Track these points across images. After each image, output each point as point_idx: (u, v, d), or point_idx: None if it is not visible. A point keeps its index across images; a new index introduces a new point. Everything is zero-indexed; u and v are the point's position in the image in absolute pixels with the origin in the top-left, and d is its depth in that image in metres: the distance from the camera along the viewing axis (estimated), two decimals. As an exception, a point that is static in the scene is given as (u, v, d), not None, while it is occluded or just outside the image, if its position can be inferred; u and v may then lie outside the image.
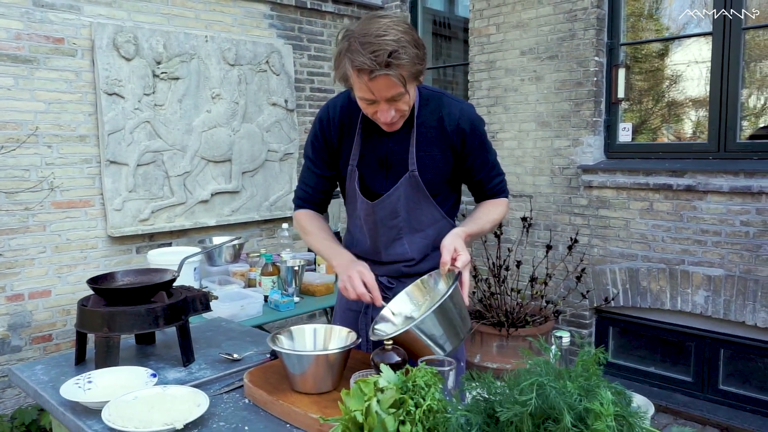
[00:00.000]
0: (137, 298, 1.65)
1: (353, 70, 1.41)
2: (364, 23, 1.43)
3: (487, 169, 1.72)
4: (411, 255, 1.71)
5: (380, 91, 1.44)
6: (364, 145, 1.67)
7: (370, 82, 1.41)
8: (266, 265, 2.99)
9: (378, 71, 1.38)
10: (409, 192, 1.65)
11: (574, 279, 3.83)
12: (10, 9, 3.15)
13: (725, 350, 3.47)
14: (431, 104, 1.64)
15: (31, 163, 3.27)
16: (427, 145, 1.63)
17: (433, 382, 1.02)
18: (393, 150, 1.65)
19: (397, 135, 1.64)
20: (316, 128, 1.73)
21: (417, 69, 1.45)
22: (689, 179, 3.42)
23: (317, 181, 1.76)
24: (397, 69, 1.39)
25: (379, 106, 1.49)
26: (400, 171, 1.65)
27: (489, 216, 1.71)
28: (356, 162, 1.68)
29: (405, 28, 1.43)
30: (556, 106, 3.94)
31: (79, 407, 1.40)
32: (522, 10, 4.05)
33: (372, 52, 1.37)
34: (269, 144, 4.27)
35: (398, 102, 1.49)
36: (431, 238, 1.71)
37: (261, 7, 4.24)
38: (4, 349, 3.25)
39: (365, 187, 1.69)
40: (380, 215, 1.68)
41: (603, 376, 0.98)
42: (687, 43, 3.69)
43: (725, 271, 3.32)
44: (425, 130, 1.63)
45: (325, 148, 1.72)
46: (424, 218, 1.69)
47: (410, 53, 1.41)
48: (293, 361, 1.36)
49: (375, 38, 1.38)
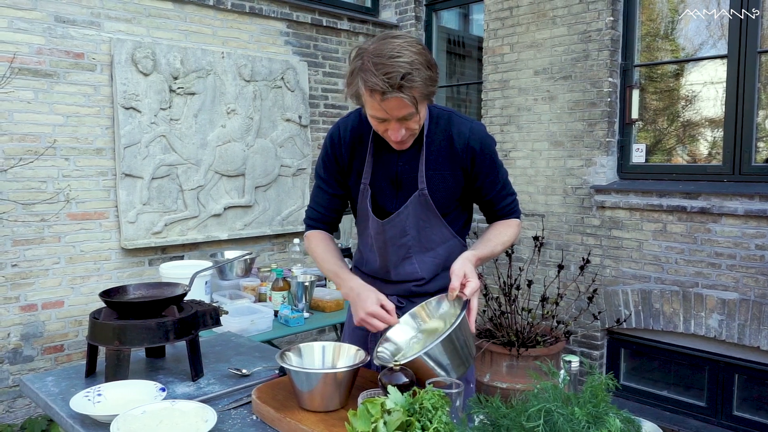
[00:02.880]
0: (148, 312, 1.66)
1: (366, 89, 1.42)
2: (378, 43, 1.44)
3: (498, 189, 1.71)
4: (421, 274, 1.70)
5: (392, 111, 1.45)
6: (376, 164, 1.68)
7: (382, 102, 1.42)
8: (277, 280, 3.00)
9: (390, 93, 1.39)
10: (418, 211, 1.64)
11: (585, 299, 3.80)
12: (33, 24, 3.22)
13: (740, 375, 3.42)
14: (441, 123, 1.65)
15: (48, 175, 3.32)
16: (436, 164, 1.63)
17: (441, 405, 1.02)
18: (403, 169, 1.65)
19: (408, 153, 1.64)
20: (327, 147, 1.74)
21: (429, 90, 1.46)
22: (703, 201, 3.39)
23: (329, 200, 1.77)
24: (409, 91, 1.40)
25: (390, 125, 1.50)
26: (410, 189, 1.65)
27: (500, 238, 1.69)
28: (368, 180, 1.68)
29: (419, 50, 1.44)
30: (570, 125, 3.94)
31: (88, 420, 1.41)
32: (536, 30, 4.07)
33: (385, 74, 1.38)
34: (282, 159, 4.30)
35: (409, 121, 1.50)
36: (441, 258, 1.70)
37: (277, 24, 4.29)
38: (16, 359, 3.28)
39: (377, 205, 1.69)
40: (389, 234, 1.68)
41: (614, 398, 0.97)
42: (702, 64, 3.68)
43: (740, 295, 3.28)
44: (435, 149, 1.63)
45: (336, 167, 1.73)
46: (435, 237, 1.69)
47: (423, 75, 1.42)
48: (301, 378, 1.36)
49: (389, 59, 1.39)
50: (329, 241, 1.79)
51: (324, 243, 1.76)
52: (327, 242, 1.77)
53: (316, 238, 1.78)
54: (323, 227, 1.80)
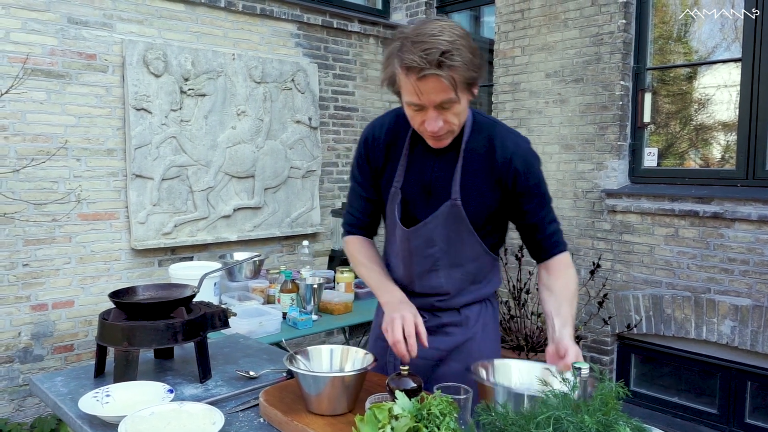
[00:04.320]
0: (157, 313, 1.66)
1: (401, 68, 1.32)
2: (418, 25, 1.35)
3: (543, 215, 1.56)
4: (446, 289, 1.60)
5: (428, 95, 1.33)
6: (410, 168, 1.56)
7: (418, 81, 1.31)
8: (286, 282, 3.00)
9: (427, 70, 1.29)
10: (449, 222, 1.53)
11: (596, 304, 3.77)
12: (46, 26, 3.25)
13: (752, 383, 3.38)
14: (484, 132, 1.52)
15: (60, 175, 3.35)
16: (473, 175, 1.51)
17: (449, 411, 1.01)
18: (438, 175, 1.54)
19: (444, 159, 1.53)
20: (360, 149, 1.64)
21: (470, 76, 1.34)
22: (716, 206, 3.36)
23: (364, 205, 1.68)
24: (448, 70, 1.29)
25: (426, 114, 1.38)
26: (442, 198, 1.53)
27: (573, 293, 1.57)
28: (400, 184, 1.57)
29: (462, 33, 1.34)
30: (581, 129, 3.92)
31: (96, 421, 1.41)
32: (548, 33, 4.05)
33: (423, 50, 1.28)
34: (292, 161, 4.30)
35: (447, 111, 1.38)
36: (471, 274, 1.60)
37: (288, 26, 4.30)
38: (27, 358, 3.30)
39: (407, 211, 1.59)
40: (414, 243, 1.58)
41: (624, 404, 0.95)
42: (716, 67, 3.64)
43: (753, 301, 3.24)
44: (473, 158, 1.51)
45: (369, 170, 1.63)
46: (465, 252, 1.57)
47: (464, 57, 1.31)
48: (309, 382, 1.35)
49: (428, 37, 1.29)
50: (368, 246, 1.70)
51: (363, 248, 1.68)
52: (366, 247, 1.69)
53: (355, 243, 1.69)
54: (361, 232, 1.71)
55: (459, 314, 1.64)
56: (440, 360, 1.64)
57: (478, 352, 1.61)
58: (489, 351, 1.65)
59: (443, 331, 1.64)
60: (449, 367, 1.62)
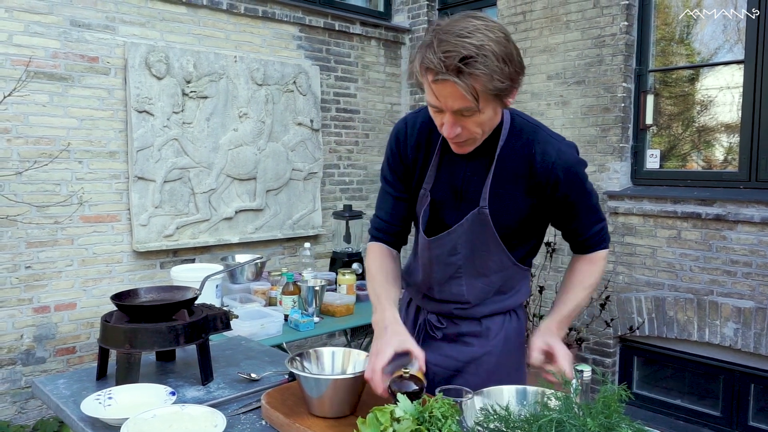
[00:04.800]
0: (159, 316, 1.66)
1: (420, 67, 1.23)
2: (453, 20, 1.23)
3: (586, 217, 1.49)
4: (467, 298, 1.53)
5: (445, 99, 1.23)
6: (441, 169, 1.47)
7: (434, 84, 1.22)
8: (287, 284, 3.00)
9: (443, 75, 1.18)
10: (476, 230, 1.44)
11: (598, 306, 3.77)
12: (48, 29, 3.25)
13: (756, 385, 3.37)
14: (523, 136, 1.41)
15: (62, 177, 3.35)
16: (508, 183, 1.41)
17: (451, 414, 1.01)
18: (470, 179, 1.44)
19: (477, 163, 1.43)
20: (392, 145, 1.54)
21: (497, 86, 1.20)
22: (719, 208, 3.35)
23: (394, 204, 1.56)
24: (468, 79, 1.17)
25: (444, 117, 1.28)
26: (471, 205, 1.44)
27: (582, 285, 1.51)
28: (430, 186, 1.48)
29: (497, 37, 1.20)
30: (583, 131, 3.92)
31: (98, 423, 1.41)
32: (549, 35, 4.05)
33: (444, 52, 1.17)
34: (294, 163, 4.31)
35: (467, 119, 1.27)
36: (495, 285, 1.52)
37: (290, 28, 4.31)
38: (29, 360, 3.30)
39: (435, 216, 1.50)
40: (436, 252, 1.50)
41: (626, 407, 0.95)
42: (718, 68, 3.64)
43: (756, 304, 3.23)
44: (510, 165, 1.41)
45: (401, 167, 1.53)
46: (491, 263, 1.49)
47: (491, 65, 1.17)
48: (311, 384, 1.35)
49: (455, 38, 1.17)
50: (386, 258, 1.58)
51: (379, 260, 1.57)
52: (383, 259, 1.57)
53: (374, 252, 1.58)
54: (388, 239, 1.60)
55: (480, 324, 1.56)
56: (457, 371, 1.57)
57: (496, 367, 1.55)
58: (509, 366, 1.58)
59: (462, 340, 1.58)
60: (465, 381, 1.50)
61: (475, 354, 1.56)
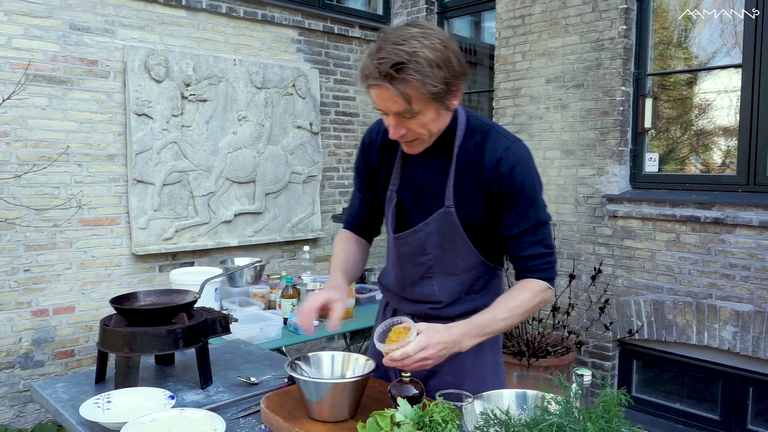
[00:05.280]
0: (158, 319, 1.66)
1: (360, 73, 1.31)
2: (393, 29, 1.31)
3: (523, 230, 1.44)
4: (439, 298, 1.56)
5: (384, 103, 1.31)
6: (405, 171, 1.54)
7: (371, 89, 1.30)
8: (287, 287, 2.99)
9: (374, 80, 1.26)
10: (443, 229, 1.49)
11: (597, 310, 3.77)
12: (48, 32, 3.26)
13: (754, 388, 3.37)
14: (477, 136, 1.46)
15: (61, 181, 3.35)
16: (468, 182, 1.46)
17: (451, 418, 1.01)
18: (429, 179, 1.50)
19: (435, 163, 1.49)
20: (359, 151, 1.65)
21: (431, 90, 1.27)
22: (717, 212, 3.35)
23: (361, 206, 1.70)
24: (400, 84, 1.25)
25: (389, 119, 1.36)
26: (435, 205, 1.49)
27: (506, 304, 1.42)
28: (396, 187, 1.55)
29: (432, 43, 1.26)
30: (582, 134, 3.92)
31: (97, 427, 1.41)
32: (548, 38, 4.06)
33: (379, 59, 1.25)
34: (293, 166, 4.31)
35: (409, 121, 1.34)
36: (466, 284, 1.55)
37: (289, 32, 4.31)
38: (27, 364, 3.29)
39: (402, 216, 1.56)
40: (402, 251, 1.56)
41: (626, 410, 0.95)
42: (716, 72, 3.65)
43: (755, 307, 3.23)
44: (465, 163, 1.46)
45: (366, 172, 1.63)
46: (460, 262, 1.52)
47: (424, 71, 1.24)
48: (310, 388, 1.35)
49: (391, 45, 1.25)
50: (352, 242, 1.72)
51: (344, 242, 1.71)
52: (348, 242, 1.71)
53: (340, 236, 1.74)
54: (355, 230, 1.74)
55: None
56: (432, 371, 1.56)
57: (472, 366, 1.57)
58: (484, 364, 1.60)
59: None
60: (442, 380, 1.55)
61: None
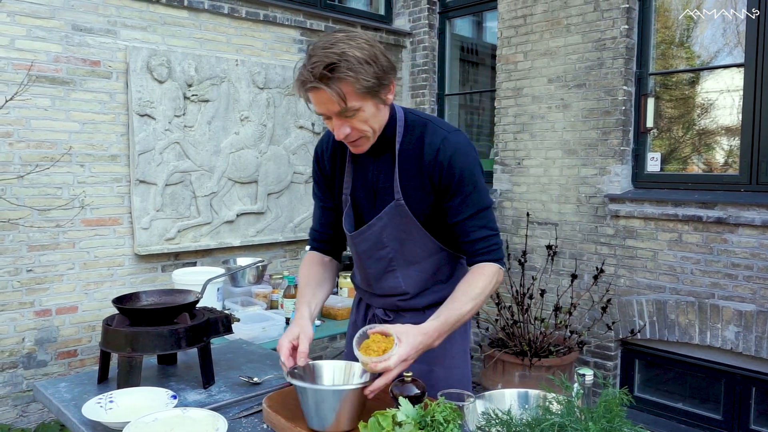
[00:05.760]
0: (161, 319, 1.66)
1: (296, 81, 1.37)
2: (321, 37, 1.41)
3: (468, 216, 1.49)
4: (404, 289, 1.62)
5: (324, 105, 1.38)
6: (356, 174, 1.61)
7: (309, 93, 1.37)
8: (289, 287, 3.00)
9: (311, 83, 1.33)
10: (397, 222, 1.55)
11: (599, 309, 3.76)
12: (50, 33, 3.26)
13: (757, 389, 3.36)
14: (416, 131, 1.53)
15: (64, 181, 3.36)
16: (410, 175, 1.53)
17: (453, 418, 1.01)
18: (377, 176, 1.57)
19: (381, 161, 1.56)
20: (314, 161, 1.71)
21: (365, 85, 1.35)
22: (720, 211, 3.35)
23: (323, 214, 1.73)
24: (336, 83, 1.33)
25: (333, 122, 1.42)
26: (387, 200, 1.56)
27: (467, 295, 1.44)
28: (349, 190, 1.62)
29: (360, 43, 1.35)
30: (584, 134, 3.92)
31: (99, 427, 1.41)
32: (550, 38, 4.06)
33: (312, 63, 1.33)
34: (295, 166, 4.31)
35: (351, 119, 1.41)
36: (428, 272, 1.61)
37: (291, 32, 4.32)
38: (30, 364, 3.30)
39: (359, 217, 1.63)
40: (361, 248, 1.63)
41: (628, 410, 0.95)
42: (718, 71, 3.64)
43: (757, 307, 3.23)
44: (407, 158, 1.53)
45: (322, 178, 1.70)
46: (419, 250, 1.58)
47: (355, 68, 1.32)
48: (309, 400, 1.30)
49: (320, 50, 1.33)
50: (314, 264, 1.73)
51: (307, 267, 1.72)
52: (311, 266, 1.72)
53: (305, 261, 1.75)
54: (323, 247, 1.76)
55: (423, 314, 1.59)
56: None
57: (442, 354, 1.61)
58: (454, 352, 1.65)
59: None
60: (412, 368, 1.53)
61: None
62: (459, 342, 1.67)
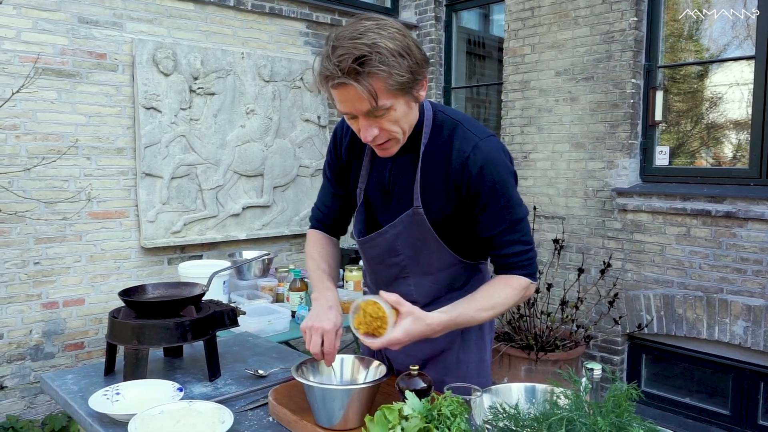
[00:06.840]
0: (167, 312, 1.66)
1: (320, 77, 1.22)
2: (345, 25, 1.22)
3: (501, 230, 1.36)
4: (415, 297, 1.48)
5: (352, 103, 1.21)
6: (373, 169, 1.48)
7: (334, 90, 1.21)
8: (294, 280, 3.00)
9: (339, 79, 1.17)
10: (413, 230, 1.42)
11: (606, 304, 3.75)
12: (57, 25, 3.26)
13: (765, 384, 3.34)
14: (444, 132, 1.37)
15: (71, 174, 3.36)
16: (435, 181, 1.37)
17: (459, 412, 1.00)
18: (396, 179, 1.43)
19: (402, 161, 1.42)
20: (330, 144, 1.59)
21: (399, 81, 1.19)
22: (729, 205, 3.32)
23: (331, 199, 1.62)
24: (367, 79, 1.17)
25: (359, 122, 1.27)
26: (404, 205, 1.42)
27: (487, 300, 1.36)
28: (364, 185, 1.50)
29: (391, 33, 1.19)
30: (591, 127, 3.89)
31: (106, 419, 1.42)
32: (558, 30, 4.03)
33: (338, 57, 1.16)
34: (301, 159, 4.30)
35: (381, 119, 1.25)
36: (443, 283, 1.49)
37: (297, 24, 4.30)
38: (38, 356, 3.32)
39: (372, 216, 1.52)
40: (371, 254, 1.52)
41: (635, 405, 0.94)
42: (727, 65, 3.60)
43: (766, 302, 3.20)
44: (433, 162, 1.37)
45: (336, 165, 1.57)
46: (435, 261, 1.46)
47: (388, 61, 1.16)
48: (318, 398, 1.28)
49: (347, 41, 1.17)
50: (325, 241, 1.64)
51: (318, 242, 1.63)
52: (321, 242, 1.63)
53: (312, 238, 1.64)
54: (326, 229, 1.66)
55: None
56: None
57: (456, 363, 1.55)
58: (468, 362, 1.57)
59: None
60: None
61: (434, 351, 1.55)
62: (475, 352, 1.58)
